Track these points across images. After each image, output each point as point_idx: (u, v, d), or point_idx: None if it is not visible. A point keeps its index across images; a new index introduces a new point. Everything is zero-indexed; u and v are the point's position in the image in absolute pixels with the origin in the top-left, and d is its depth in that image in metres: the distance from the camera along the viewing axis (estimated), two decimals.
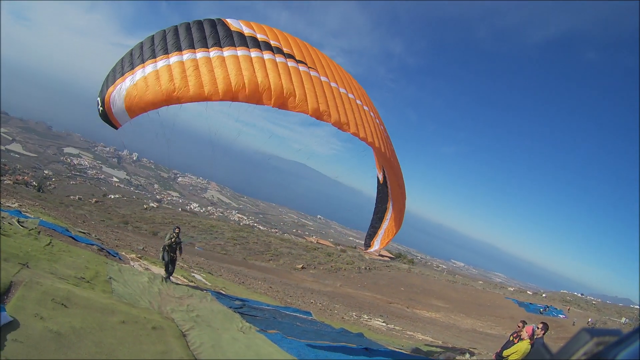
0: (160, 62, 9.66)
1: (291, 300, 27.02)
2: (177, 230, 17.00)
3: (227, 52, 9.87)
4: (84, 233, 22.68)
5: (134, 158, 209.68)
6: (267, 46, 10.39)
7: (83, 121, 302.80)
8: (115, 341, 8.48)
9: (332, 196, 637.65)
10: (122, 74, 10.00)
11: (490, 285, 75.74)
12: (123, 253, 20.86)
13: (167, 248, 16.47)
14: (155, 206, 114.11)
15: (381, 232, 14.89)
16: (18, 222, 16.18)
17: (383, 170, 13.89)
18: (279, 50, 10.48)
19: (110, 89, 10.07)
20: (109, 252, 18.74)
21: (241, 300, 18.58)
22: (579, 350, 1.60)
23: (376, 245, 15.36)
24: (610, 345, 1.57)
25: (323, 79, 11.02)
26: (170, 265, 16.69)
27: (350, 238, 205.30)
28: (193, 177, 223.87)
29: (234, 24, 10.70)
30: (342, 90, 11.41)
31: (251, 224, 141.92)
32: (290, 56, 10.57)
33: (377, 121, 12.67)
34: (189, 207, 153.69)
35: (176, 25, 10.52)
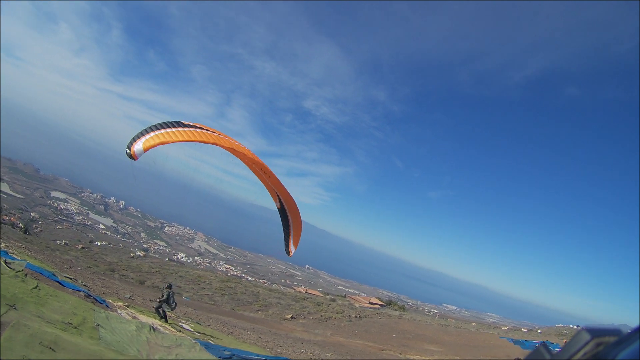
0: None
1: (281, 350, 26.68)
2: (167, 289, 20.69)
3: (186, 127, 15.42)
4: (71, 279, 22.58)
5: (121, 206, 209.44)
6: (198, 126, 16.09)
7: (70, 165, 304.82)
8: None
9: (320, 246, 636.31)
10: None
11: (484, 326, 74.47)
12: (110, 300, 20.74)
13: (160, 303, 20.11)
14: (142, 255, 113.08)
15: (291, 240, 19.57)
16: (5, 262, 16.20)
17: (279, 200, 18.86)
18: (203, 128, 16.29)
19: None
20: (96, 299, 18.65)
21: (230, 350, 18.40)
22: (579, 351, 1.68)
23: (292, 249, 20.06)
24: (610, 345, 1.66)
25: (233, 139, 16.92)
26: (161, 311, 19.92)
27: (340, 287, 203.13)
28: (180, 226, 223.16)
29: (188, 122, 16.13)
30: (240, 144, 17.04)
31: (239, 274, 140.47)
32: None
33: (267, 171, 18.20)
34: (176, 256, 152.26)
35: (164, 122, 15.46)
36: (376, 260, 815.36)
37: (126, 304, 21.75)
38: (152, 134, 13.98)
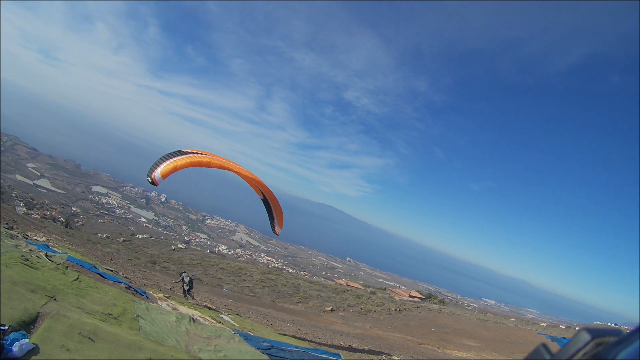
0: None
1: (320, 342, 26.68)
2: (184, 276, 25.76)
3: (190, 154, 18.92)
4: (112, 271, 23.16)
5: (163, 199, 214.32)
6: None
7: (112, 160, 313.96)
8: None
9: (361, 238, 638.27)
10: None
11: (523, 322, 72.91)
12: (150, 292, 21.16)
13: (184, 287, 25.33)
14: (183, 247, 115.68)
15: (275, 223, 23.28)
16: (46, 255, 16.69)
17: (262, 192, 22.52)
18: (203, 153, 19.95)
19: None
20: (136, 291, 19.05)
21: (269, 342, 18.48)
22: (579, 351, 1.68)
23: (278, 229, 23.53)
24: (610, 345, 1.63)
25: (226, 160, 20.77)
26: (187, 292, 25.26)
27: (380, 280, 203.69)
28: (222, 219, 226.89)
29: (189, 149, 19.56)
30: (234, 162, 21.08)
31: (280, 267, 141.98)
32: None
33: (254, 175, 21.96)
34: (217, 249, 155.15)
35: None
36: (417, 253, 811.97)
37: (167, 295, 22.16)
38: (166, 162, 17.38)
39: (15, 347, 7.19)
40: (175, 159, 17.69)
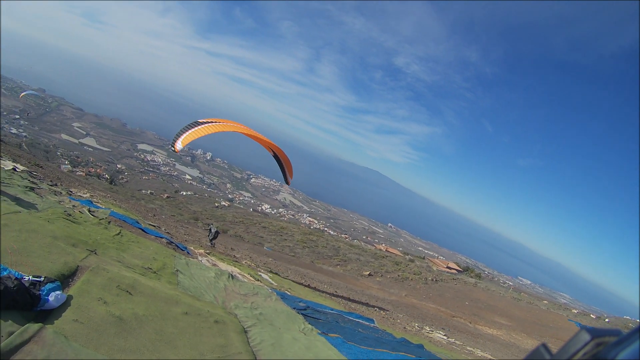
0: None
1: (355, 306, 26.98)
2: (211, 228, 27.79)
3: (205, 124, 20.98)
4: (154, 226, 23.73)
5: (208, 157, 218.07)
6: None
7: (158, 120, 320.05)
8: (176, 330, 8.72)
9: (404, 205, 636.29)
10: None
11: (555, 306, 72.00)
12: (192, 248, 21.62)
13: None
14: (226, 205, 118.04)
15: (286, 174, 25.29)
16: (89, 211, 17.16)
17: (271, 150, 24.10)
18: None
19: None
20: (177, 246, 19.47)
21: (305, 302, 18.70)
22: (579, 351, 1.64)
23: (289, 180, 25.92)
24: (610, 345, 1.61)
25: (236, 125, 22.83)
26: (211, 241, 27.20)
27: (420, 248, 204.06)
28: (266, 178, 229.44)
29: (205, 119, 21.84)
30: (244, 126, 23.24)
31: (321, 228, 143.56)
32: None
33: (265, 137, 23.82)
34: (260, 207, 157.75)
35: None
36: (458, 224, 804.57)
37: (207, 251, 22.60)
38: (187, 132, 19.88)
39: (51, 297, 7.37)
40: (192, 130, 20.07)
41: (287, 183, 26.80)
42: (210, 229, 27.73)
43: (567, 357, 1.63)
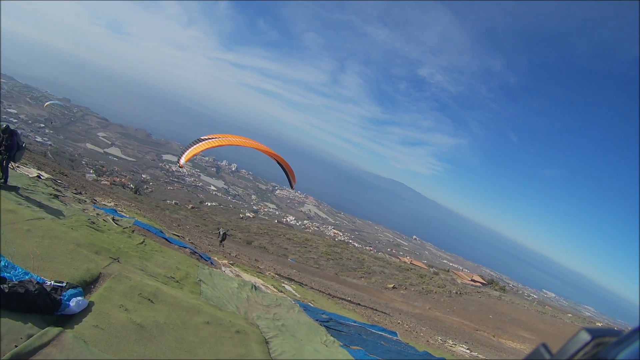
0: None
1: (378, 318, 26.73)
2: (220, 230, 30.83)
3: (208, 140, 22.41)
4: (178, 236, 23.89)
5: (233, 169, 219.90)
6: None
7: (183, 130, 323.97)
8: (197, 339, 8.67)
9: (429, 217, 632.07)
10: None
11: (579, 319, 70.24)
12: (215, 258, 21.67)
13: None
14: (251, 216, 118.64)
15: (290, 180, 27.16)
16: (113, 219, 17.34)
17: (277, 162, 25.83)
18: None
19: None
20: (201, 256, 19.55)
21: (328, 314, 18.57)
22: (579, 351, 1.65)
23: (293, 184, 27.69)
24: (610, 346, 1.62)
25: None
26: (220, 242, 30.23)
27: (444, 260, 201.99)
28: (291, 190, 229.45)
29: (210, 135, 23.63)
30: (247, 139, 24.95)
31: (346, 240, 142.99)
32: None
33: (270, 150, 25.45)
34: (285, 219, 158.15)
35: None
36: (483, 236, 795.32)
37: (231, 262, 22.63)
38: (190, 148, 21.52)
39: (72, 303, 7.40)
40: (194, 146, 21.75)
41: (292, 187, 28.69)
42: (219, 232, 30.67)
43: (567, 357, 1.65)
